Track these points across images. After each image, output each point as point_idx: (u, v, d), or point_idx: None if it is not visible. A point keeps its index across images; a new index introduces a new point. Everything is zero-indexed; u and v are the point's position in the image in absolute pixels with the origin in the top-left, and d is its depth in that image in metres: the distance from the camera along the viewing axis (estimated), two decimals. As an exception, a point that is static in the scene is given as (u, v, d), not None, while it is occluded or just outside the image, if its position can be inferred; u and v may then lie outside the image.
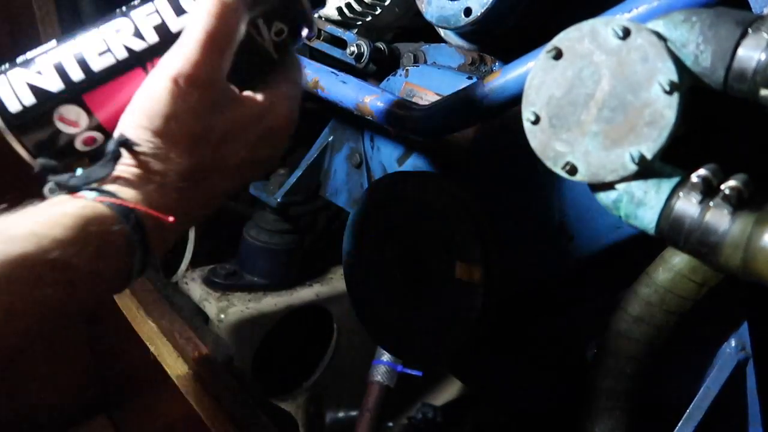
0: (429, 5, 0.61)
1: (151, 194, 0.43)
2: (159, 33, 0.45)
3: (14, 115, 0.44)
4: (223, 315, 0.86)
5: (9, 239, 0.37)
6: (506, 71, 0.52)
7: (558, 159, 0.43)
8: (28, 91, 0.44)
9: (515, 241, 0.62)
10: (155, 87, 0.43)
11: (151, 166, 0.43)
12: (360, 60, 0.76)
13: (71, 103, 0.44)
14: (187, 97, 0.42)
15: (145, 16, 0.46)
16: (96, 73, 0.45)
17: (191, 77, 0.42)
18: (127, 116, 0.44)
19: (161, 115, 0.42)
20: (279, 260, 0.95)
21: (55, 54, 0.45)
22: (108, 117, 0.45)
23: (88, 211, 0.40)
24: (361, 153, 0.81)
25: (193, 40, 0.42)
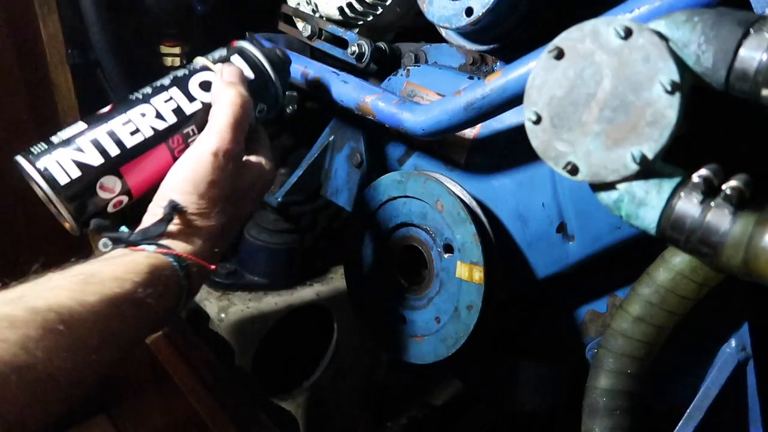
0: (430, 5, 0.61)
1: (197, 246, 0.53)
2: (177, 115, 0.57)
3: (63, 186, 0.52)
4: (223, 314, 0.86)
5: (101, 282, 0.44)
6: (507, 71, 0.52)
7: (559, 159, 0.43)
8: (74, 166, 0.53)
9: (516, 241, 0.62)
10: (200, 161, 0.53)
11: (197, 224, 0.54)
12: (361, 60, 0.76)
13: (111, 174, 0.54)
14: (224, 167, 0.54)
15: (164, 102, 0.57)
16: (129, 149, 0.54)
17: (227, 152, 0.54)
18: (175, 185, 0.53)
19: (206, 182, 0.53)
20: (279, 260, 0.95)
21: (91, 134, 0.54)
22: (135, 184, 0.55)
23: (152, 259, 0.49)
24: (361, 153, 0.81)
25: (225, 124, 0.54)
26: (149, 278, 0.47)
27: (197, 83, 0.58)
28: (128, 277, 0.46)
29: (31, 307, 0.39)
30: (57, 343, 0.39)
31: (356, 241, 0.72)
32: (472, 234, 0.59)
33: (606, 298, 0.62)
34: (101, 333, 0.43)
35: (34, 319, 0.39)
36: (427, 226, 0.64)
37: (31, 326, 0.38)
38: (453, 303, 0.62)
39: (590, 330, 0.63)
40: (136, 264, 0.48)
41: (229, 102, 0.55)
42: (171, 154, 0.56)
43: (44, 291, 0.42)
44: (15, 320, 0.38)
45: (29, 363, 0.37)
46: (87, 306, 0.42)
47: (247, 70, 0.61)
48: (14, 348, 0.37)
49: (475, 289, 0.59)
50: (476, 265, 0.59)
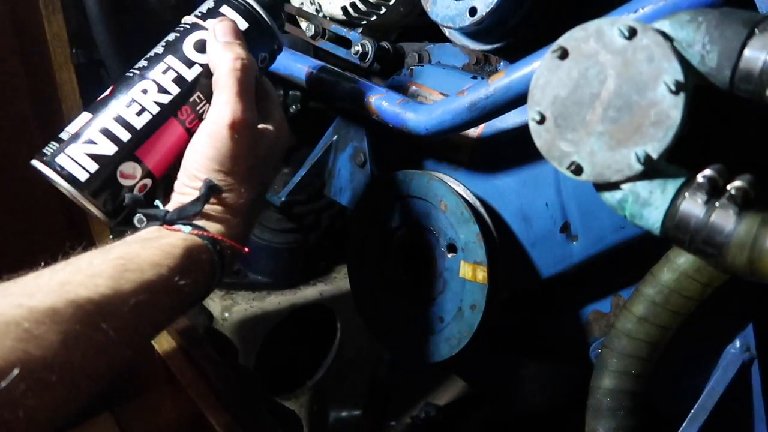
0: (434, 5, 0.61)
1: (231, 227, 0.53)
2: (179, 85, 0.54)
3: (84, 182, 0.51)
4: (227, 314, 0.87)
5: (139, 268, 0.44)
6: (511, 71, 0.52)
7: (563, 159, 0.43)
8: (90, 160, 0.51)
9: (520, 241, 0.62)
10: (218, 138, 0.51)
11: (228, 202, 0.52)
12: (365, 59, 0.76)
13: (128, 160, 0.52)
14: (243, 138, 0.52)
15: (162, 73, 0.54)
16: (140, 131, 0.53)
17: (241, 122, 0.51)
18: (198, 164, 0.52)
19: (228, 156, 0.51)
20: (283, 259, 0.95)
21: (99, 123, 0.52)
22: (155, 164, 0.53)
23: (189, 242, 0.49)
24: (365, 152, 0.81)
25: (233, 93, 0.52)
26: (186, 264, 0.47)
27: (191, 45, 0.55)
28: (165, 263, 0.46)
29: (72, 299, 0.39)
30: (94, 341, 0.40)
31: (359, 241, 0.72)
32: (475, 234, 0.59)
33: (610, 298, 0.62)
34: (136, 326, 0.43)
35: (75, 314, 0.39)
36: (431, 225, 0.64)
37: (72, 322, 0.38)
38: (457, 303, 0.62)
39: (594, 330, 0.63)
40: (173, 248, 0.47)
41: (230, 66, 0.52)
42: (183, 126, 0.54)
43: (85, 279, 0.41)
44: (57, 315, 0.38)
45: (68, 361, 0.38)
46: (124, 296, 0.42)
47: (239, 19, 0.56)
48: (57, 346, 0.37)
49: (478, 289, 0.59)
50: (480, 265, 0.59)
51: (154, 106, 0.53)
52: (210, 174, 0.52)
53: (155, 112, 0.53)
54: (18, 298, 0.38)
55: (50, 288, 0.40)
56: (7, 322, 0.36)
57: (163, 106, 0.53)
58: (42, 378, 0.36)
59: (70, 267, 0.43)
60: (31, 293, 0.39)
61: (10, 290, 0.39)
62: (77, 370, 0.38)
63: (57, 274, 0.42)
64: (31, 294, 0.39)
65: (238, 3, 0.57)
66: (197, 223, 0.51)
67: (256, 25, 0.57)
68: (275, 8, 0.61)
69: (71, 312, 0.39)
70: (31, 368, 0.35)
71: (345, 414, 1.02)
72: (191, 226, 0.51)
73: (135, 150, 0.52)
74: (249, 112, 0.52)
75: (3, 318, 0.36)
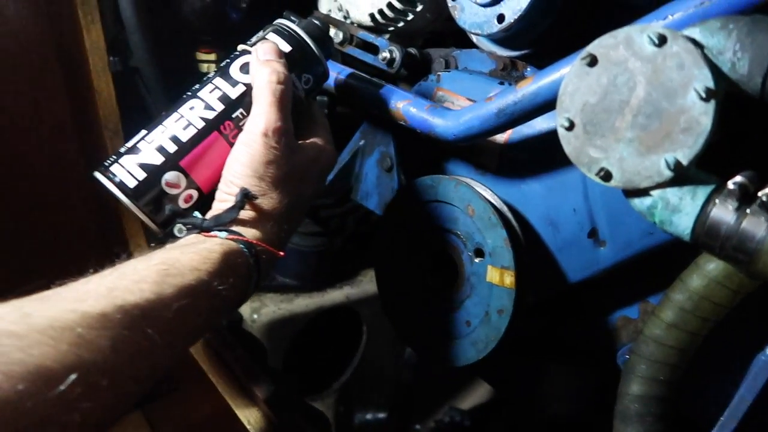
0: (462, 12, 0.61)
1: (266, 232, 0.55)
2: (223, 102, 0.58)
3: (132, 189, 0.55)
4: (256, 315, 0.88)
5: (179, 273, 0.46)
6: (539, 77, 0.52)
7: (592, 165, 0.43)
8: (139, 169, 0.55)
9: (547, 246, 0.62)
10: (252, 144, 0.54)
11: (262, 207, 0.55)
12: (392, 65, 0.77)
13: (172, 170, 0.56)
14: (275, 145, 0.54)
15: (209, 93, 0.58)
16: (185, 143, 0.56)
17: (275, 130, 0.54)
18: (235, 171, 0.54)
19: (262, 162, 0.54)
20: (310, 262, 0.96)
21: (150, 136, 0.57)
22: (200, 176, 0.57)
23: (225, 247, 0.51)
24: (392, 157, 0.82)
25: (267, 104, 0.55)
26: (223, 268, 0.49)
27: (237, 67, 0.59)
28: (204, 267, 0.48)
29: (120, 305, 0.41)
30: (141, 345, 0.41)
31: (387, 245, 0.73)
32: (503, 238, 0.59)
33: (638, 304, 0.62)
34: (177, 330, 0.45)
35: (122, 319, 0.40)
36: (458, 230, 0.65)
37: (121, 327, 0.40)
38: (484, 307, 0.62)
39: (622, 336, 0.63)
40: (211, 252, 0.49)
41: (267, 80, 0.56)
42: (226, 140, 0.57)
43: (131, 284, 0.43)
44: (107, 320, 0.39)
45: (118, 366, 0.39)
46: (167, 301, 0.44)
47: (283, 43, 0.61)
48: (107, 350, 0.38)
49: (506, 294, 0.60)
50: (507, 270, 0.59)
51: (199, 120, 0.57)
52: (244, 180, 0.54)
53: (200, 126, 0.57)
54: (71, 303, 0.39)
55: (99, 293, 0.41)
56: (63, 327, 0.37)
57: (207, 120, 0.57)
58: (94, 382, 0.37)
59: (116, 273, 0.44)
60: (82, 298, 0.40)
61: (62, 295, 0.41)
62: (125, 375, 0.40)
63: (105, 279, 0.43)
64: (83, 299, 0.40)
65: (282, 29, 0.62)
66: (233, 228, 0.54)
67: (299, 48, 0.61)
68: (323, 38, 0.64)
69: (119, 317, 0.40)
70: (84, 372, 0.36)
71: (370, 416, 1.03)
72: (227, 232, 0.53)
73: (179, 160, 0.56)
74: (282, 121, 0.55)
75: (58, 323, 0.37)
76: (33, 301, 0.39)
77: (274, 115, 0.55)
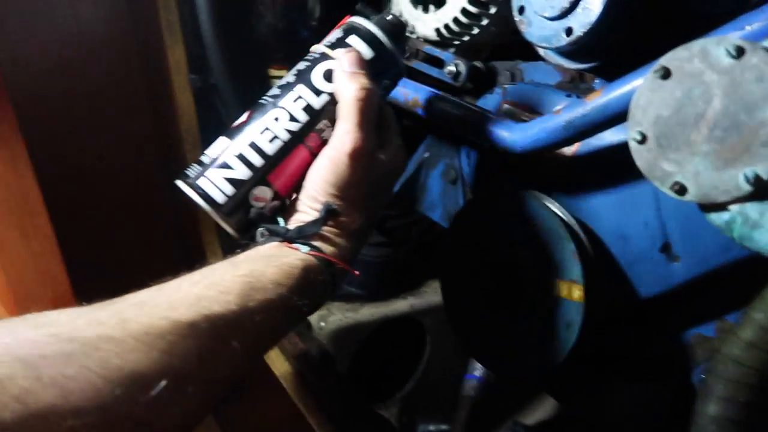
0: (529, 26, 0.62)
1: (342, 249, 0.56)
2: (307, 113, 0.57)
3: (222, 204, 0.55)
4: (323, 323, 0.91)
5: (263, 287, 0.47)
6: (609, 90, 0.52)
7: (666, 178, 0.43)
8: (227, 184, 0.55)
9: (618, 260, 0.61)
10: (339, 165, 0.54)
11: (343, 225, 0.56)
12: (457, 79, 0.78)
13: (260, 185, 0.56)
14: (360, 166, 0.54)
15: (293, 102, 0.57)
16: (272, 157, 0.56)
17: (360, 151, 0.54)
18: (319, 187, 0.55)
19: (347, 183, 0.54)
20: (375, 272, 0.98)
21: (235, 148, 0.56)
22: (283, 187, 0.57)
23: (306, 263, 0.52)
24: (456, 169, 0.82)
25: (354, 123, 0.54)
26: (303, 284, 0.50)
27: (320, 74, 0.58)
28: (286, 282, 0.49)
29: (207, 314, 0.43)
30: (224, 356, 0.43)
31: (452, 257, 0.73)
32: (571, 252, 0.59)
33: (714, 323, 0.60)
34: (256, 341, 0.46)
35: (209, 330, 0.42)
36: (525, 243, 0.65)
37: (207, 337, 0.42)
38: (551, 320, 0.62)
39: (696, 354, 0.61)
40: (293, 269, 0.50)
41: (355, 98, 0.55)
42: (309, 151, 0.57)
43: (218, 295, 0.45)
44: (196, 330, 0.41)
45: (203, 374, 0.41)
46: (249, 314, 0.45)
47: (366, 48, 0.59)
48: (194, 359, 0.40)
49: (574, 307, 0.59)
50: (576, 283, 0.58)
51: (285, 133, 0.56)
52: (328, 197, 0.55)
53: (286, 139, 0.56)
54: (164, 311, 0.42)
55: (190, 302, 0.43)
56: (156, 334, 0.39)
57: (293, 133, 0.57)
58: (182, 388, 0.39)
59: (204, 281, 0.46)
60: (174, 306, 0.42)
61: (156, 301, 0.43)
62: (209, 383, 0.42)
63: (195, 287, 0.45)
64: (174, 307, 0.42)
65: (364, 33, 0.59)
66: (314, 243, 0.55)
67: (381, 53, 0.59)
68: (399, 33, 0.61)
69: (206, 327, 0.42)
70: (173, 379, 0.38)
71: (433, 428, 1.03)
72: (309, 246, 0.54)
73: (267, 175, 0.56)
74: (368, 141, 0.55)
75: (152, 330, 0.39)
76: (130, 306, 0.42)
77: (360, 135, 0.54)
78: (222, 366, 0.43)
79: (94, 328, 0.38)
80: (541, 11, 0.59)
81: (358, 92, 0.55)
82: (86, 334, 0.37)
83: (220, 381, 0.43)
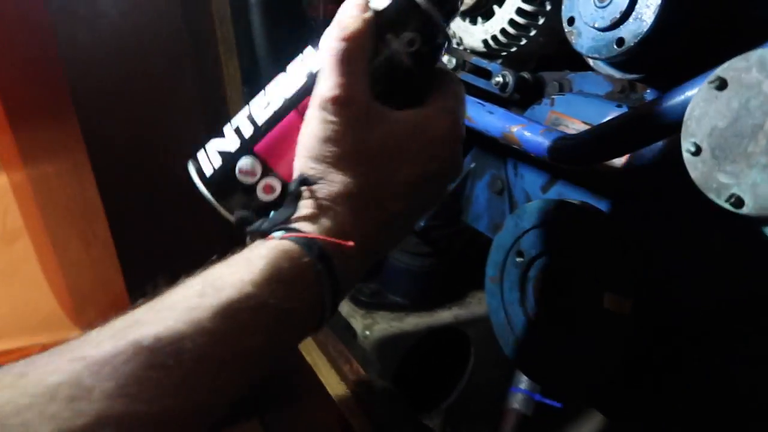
0: (579, 36, 0.61)
1: (327, 222, 0.44)
2: (306, 75, 0.48)
3: (208, 178, 0.49)
4: (368, 332, 0.91)
5: (216, 291, 0.39)
6: (662, 100, 0.51)
7: (722, 191, 0.42)
8: (218, 156, 0.49)
9: (672, 273, 0.60)
10: (309, 120, 0.45)
11: (319, 193, 0.44)
12: (505, 89, 0.78)
13: (245, 155, 0.48)
14: (332, 118, 0.44)
15: (296, 64, 0.49)
16: (260, 126, 0.48)
17: (332, 99, 0.44)
18: (297, 155, 0.46)
19: (316, 139, 0.44)
20: (419, 282, 0.98)
21: (236, 118, 0.50)
22: (276, 162, 0.48)
23: (278, 249, 0.42)
24: (503, 180, 0.82)
25: (327, 67, 0.45)
26: (271, 273, 0.40)
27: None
28: (248, 278, 0.39)
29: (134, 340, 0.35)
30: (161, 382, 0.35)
31: (499, 269, 0.73)
32: (621, 264, 0.58)
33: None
34: (221, 353, 0.38)
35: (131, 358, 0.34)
36: (574, 254, 0.64)
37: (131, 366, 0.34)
38: (600, 334, 0.61)
39: (754, 372, 0.59)
40: (259, 259, 0.41)
41: (330, 43, 0.45)
42: (300, 117, 0.47)
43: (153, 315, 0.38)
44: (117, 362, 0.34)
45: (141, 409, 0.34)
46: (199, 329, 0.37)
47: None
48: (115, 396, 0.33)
49: (624, 321, 0.58)
50: (626, 296, 0.58)
51: (278, 98, 0.48)
52: (301, 162, 0.45)
53: (278, 105, 0.48)
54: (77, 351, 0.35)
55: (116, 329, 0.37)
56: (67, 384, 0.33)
57: (286, 98, 0.48)
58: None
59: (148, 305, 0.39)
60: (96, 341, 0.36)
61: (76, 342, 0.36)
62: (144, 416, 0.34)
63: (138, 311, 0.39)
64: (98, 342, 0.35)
65: None
66: (291, 225, 0.44)
67: (397, 2, 0.48)
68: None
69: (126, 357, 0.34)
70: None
71: (476, 440, 1.02)
72: (284, 230, 0.44)
73: (253, 145, 0.48)
74: (343, 86, 0.44)
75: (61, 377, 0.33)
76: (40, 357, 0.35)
77: (331, 82, 0.44)
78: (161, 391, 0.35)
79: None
80: (591, 22, 0.59)
81: (337, 34, 0.45)
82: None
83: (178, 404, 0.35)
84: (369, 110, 0.45)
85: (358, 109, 0.45)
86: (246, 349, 0.39)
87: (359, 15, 0.46)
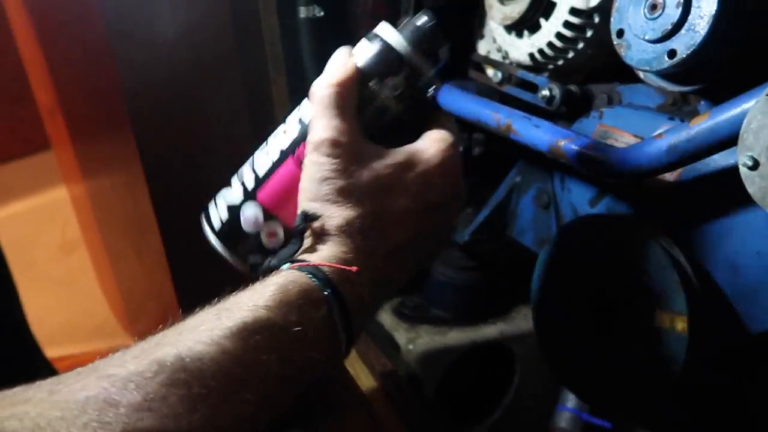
0: (629, 49, 0.60)
1: (330, 251, 0.48)
2: (301, 123, 0.52)
3: (218, 230, 0.52)
4: (411, 345, 0.91)
5: (231, 314, 0.42)
6: (716, 113, 0.50)
7: (781, 207, 0.40)
8: (225, 208, 0.52)
9: (727, 292, 0.58)
10: (307, 165, 0.50)
11: (320, 227, 0.49)
12: (551, 103, 0.77)
13: (248, 204, 0.52)
14: (325, 158, 0.49)
15: (293, 114, 0.53)
16: (261, 176, 0.52)
17: (324, 142, 0.49)
18: (300, 198, 0.50)
19: (314, 181, 0.49)
20: (463, 296, 0.98)
21: (242, 169, 0.53)
22: (277, 208, 0.52)
23: (287, 278, 0.45)
24: (549, 194, 0.81)
25: (318, 112, 0.50)
26: (280, 297, 0.43)
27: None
28: (259, 302, 0.43)
29: (159, 359, 0.37)
30: (184, 398, 0.37)
31: (546, 284, 0.72)
32: (674, 281, 0.56)
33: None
34: (238, 375, 0.40)
35: (155, 376, 0.36)
36: (624, 271, 0.63)
37: (158, 383, 0.36)
38: (652, 354, 0.59)
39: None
40: (269, 286, 0.44)
41: (317, 91, 0.50)
42: (297, 163, 0.51)
43: (175, 337, 0.40)
44: (141, 378, 0.36)
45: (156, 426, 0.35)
46: (219, 349, 0.39)
47: (367, 48, 0.52)
48: (144, 411, 0.35)
49: (677, 341, 0.56)
50: (679, 315, 0.56)
51: (276, 147, 0.51)
52: (303, 205, 0.49)
53: (276, 154, 0.51)
54: (102, 371, 0.37)
55: (144, 349, 0.39)
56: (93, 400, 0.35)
57: (283, 146, 0.51)
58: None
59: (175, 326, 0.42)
60: (123, 361, 0.38)
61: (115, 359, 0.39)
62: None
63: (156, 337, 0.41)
64: (123, 362, 0.38)
65: (369, 34, 0.54)
66: (300, 257, 0.48)
67: (381, 50, 0.52)
68: (420, 36, 0.54)
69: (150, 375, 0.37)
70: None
71: (521, 458, 1.00)
72: (291, 262, 0.48)
73: (255, 194, 0.51)
74: (332, 130, 0.49)
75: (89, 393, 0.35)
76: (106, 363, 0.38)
77: (322, 125, 0.49)
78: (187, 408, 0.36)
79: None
80: (641, 34, 0.58)
81: (326, 82, 0.50)
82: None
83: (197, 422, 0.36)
84: (360, 147, 0.50)
85: (349, 147, 0.49)
86: (263, 369, 0.41)
87: (346, 64, 0.51)
